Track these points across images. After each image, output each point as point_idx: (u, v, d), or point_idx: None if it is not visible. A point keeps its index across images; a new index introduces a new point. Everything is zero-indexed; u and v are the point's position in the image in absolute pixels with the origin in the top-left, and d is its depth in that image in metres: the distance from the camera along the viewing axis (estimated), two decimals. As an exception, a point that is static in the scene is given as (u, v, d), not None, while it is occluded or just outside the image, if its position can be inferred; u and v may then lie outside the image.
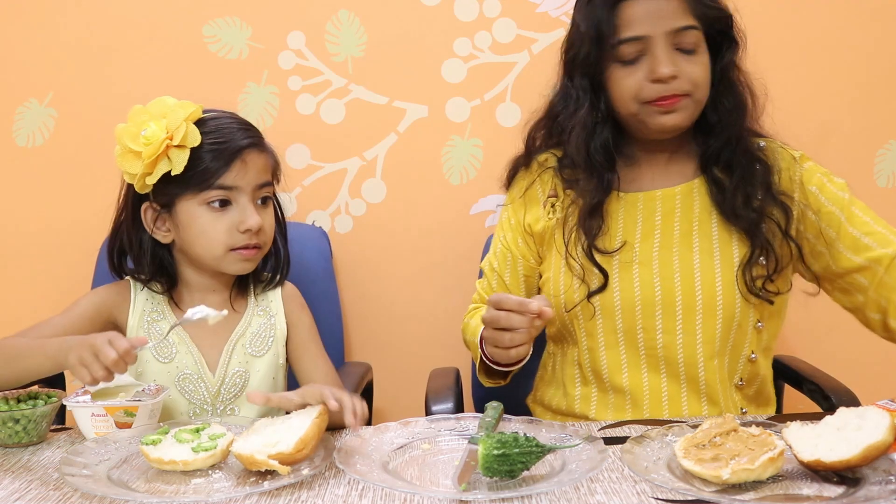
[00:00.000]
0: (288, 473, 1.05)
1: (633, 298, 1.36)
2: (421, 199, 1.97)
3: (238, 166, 1.32)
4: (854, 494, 0.96)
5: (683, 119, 1.34)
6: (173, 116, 1.29)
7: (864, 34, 1.93)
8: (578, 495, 0.99)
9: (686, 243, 1.37)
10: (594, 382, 1.42)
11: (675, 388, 1.37)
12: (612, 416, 1.40)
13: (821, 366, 1.55)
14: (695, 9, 1.33)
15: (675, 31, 1.31)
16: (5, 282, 1.97)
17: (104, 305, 1.40)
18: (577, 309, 1.40)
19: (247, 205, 1.33)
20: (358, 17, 1.93)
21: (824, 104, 1.95)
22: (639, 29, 1.32)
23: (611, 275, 1.37)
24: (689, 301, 1.34)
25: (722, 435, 1.06)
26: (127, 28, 1.92)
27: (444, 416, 1.24)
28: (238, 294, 1.45)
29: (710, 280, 1.34)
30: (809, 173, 1.40)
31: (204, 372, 1.38)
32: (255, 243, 1.35)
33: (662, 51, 1.31)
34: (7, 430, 1.23)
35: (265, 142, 1.39)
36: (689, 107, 1.34)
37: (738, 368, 1.39)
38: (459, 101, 1.94)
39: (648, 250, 1.38)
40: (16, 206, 1.96)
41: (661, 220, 1.39)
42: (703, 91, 1.34)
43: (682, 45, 1.32)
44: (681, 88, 1.32)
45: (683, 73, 1.31)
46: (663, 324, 1.36)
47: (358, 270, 1.98)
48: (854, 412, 1.05)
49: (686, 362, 1.36)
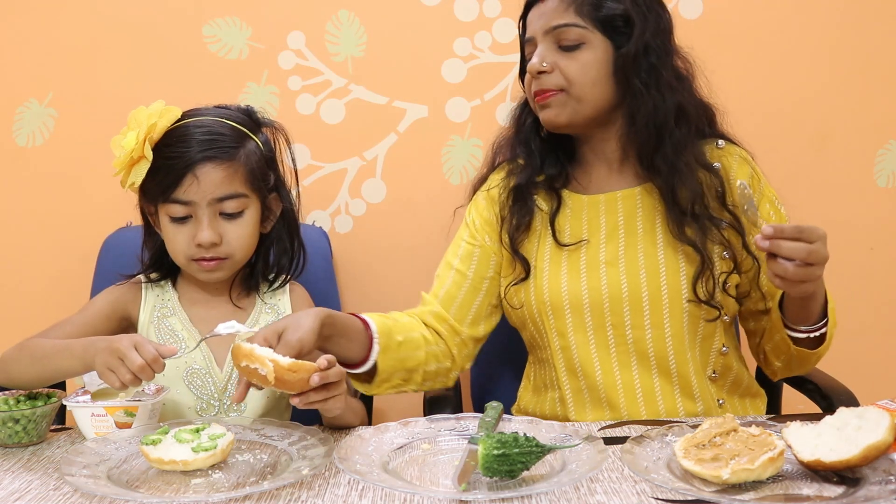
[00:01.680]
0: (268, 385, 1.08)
1: (601, 297, 1.37)
2: (421, 199, 1.97)
3: (189, 181, 1.32)
4: (854, 494, 0.96)
5: (559, 115, 1.38)
6: (141, 127, 1.32)
7: (864, 34, 1.93)
8: (578, 495, 0.99)
9: (650, 240, 1.38)
10: (569, 383, 1.42)
11: (648, 382, 1.38)
12: (590, 415, 1.40)
13: (820, 366, 1.55)
14: (580, 9, 1.35)
15: (553, 28, 1.36)
16: (5, 282, 1.97)
17: (118, 302, 1.44)
18: (547, 309, 1.41)
19: (202, 219, 1.34)
20: (358, 17, 1.93)
21: (824, 104, 1.95)
22: (530, 30, 1.41)
23: (579, 274, 1.39)
24: (655, 297, 1.36)
25: (722, 435, 1.06)
26: (127, 28, 1.92)
27: (444, 416, 1.24)
28: (245, 292, 1.47)
29: (675, 275, 1.36)
30: (767, 198, 1.42)
31: (212, 367, 1.40)
32: (210, 256, 1.35)
33: (540, 47, 1.38)
34: (7, 430, 1.23)
35: (237, 150, 1.36)
36: (566, 102, 1.37)
37: (709, 361, 1.40)
38: (459, 101, 1.94)
39: (614, 249, 1.39)
40: (16, 206, 1.96)
41: (623, 220, 1.41)
42: (580, 88, 1.36)
43: (563, 42, 1.36)
44: (551, 83, 1.36)
45: (558, 68, 1.35)
46: (632, 320, 1.37)
47: (358, 270, 1.98)
48: (854, 412, 1.05)
49: (657, 356, 1.37)
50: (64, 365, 1.26)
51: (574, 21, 1.35)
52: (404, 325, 1.38)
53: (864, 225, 1.97)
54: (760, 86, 1.93)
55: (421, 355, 1.37)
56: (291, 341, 1.16)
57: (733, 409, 1.43)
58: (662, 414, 1.37)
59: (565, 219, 1.44)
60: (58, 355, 1.27)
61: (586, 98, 1.36)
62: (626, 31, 1.35)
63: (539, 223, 1.45)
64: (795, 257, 1.15)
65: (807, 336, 1.30)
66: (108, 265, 1.75)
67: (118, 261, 1.58)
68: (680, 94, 1.38)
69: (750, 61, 1.94)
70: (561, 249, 1.42)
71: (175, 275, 1.47)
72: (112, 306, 1.43)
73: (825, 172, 1.96)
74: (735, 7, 1.92)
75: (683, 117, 1.38)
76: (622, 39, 1.35)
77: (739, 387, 1.44)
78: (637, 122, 1.37)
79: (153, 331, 1.42)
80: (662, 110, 1.35)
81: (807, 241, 1.15)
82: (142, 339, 1.18)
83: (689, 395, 1.38)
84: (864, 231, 1.98)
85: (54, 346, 1.29)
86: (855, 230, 1.97)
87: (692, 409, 1.38)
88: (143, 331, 1.43)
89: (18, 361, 1.31)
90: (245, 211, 1.37)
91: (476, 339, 1.48)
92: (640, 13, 1.35)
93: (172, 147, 1.33)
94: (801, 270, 1.15)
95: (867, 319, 1.99)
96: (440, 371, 1.42)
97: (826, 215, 1.97)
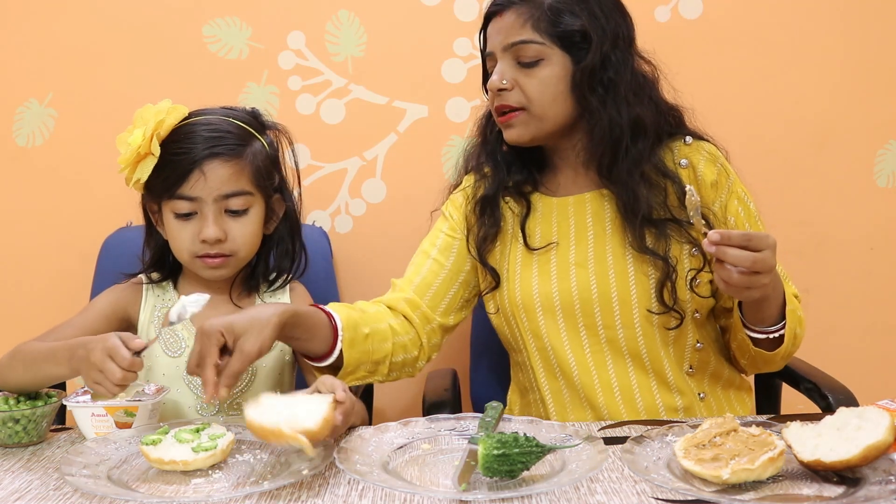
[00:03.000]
0: (314, 454, 1.04)
1: (572, 298, 1.38)
2: (421, 199, 1.96)
3: (196, 177, 1.33)
4: (854, 494, 0.96)
5: (521, 134, 1.39)
6: (147, 125, 1.32)
7: (864, 34, 1.93)
8: (578, 495, 0.99)
9: (618, 241, 1.39)
10: (547, 384, 1.43)
11: (624, 378, 1.39)
12: (571, 415, 1.41)
13: (820, 365, 1.55)
14: (538, 25, 1.35)
15: (511, 45, 1.36)
16: (5, 282, 1.97)
17: (119, 303, 1.44)
18: (520, 312, 1.41)
19: (208, 215, 1.34)
20: (358, 17, 1.93)
21: (824, 104, 1.95)
22: (490, 45, 1.41)
23: (550, 276, 1.40)
24: (624, 297, 1.36)
25: (722, 435, 1.06)
26: (127, 28, 1.92)
27: (444, 416, 1.24)
28: (245, 292, 1.47)
29: (643, 278, 1.36)
30: (735, 195, 1.41)
31: None
32: (215, 253, 1.36)
33: (500, 63, 1.38)
34: (7, 430, 1.23)
35: (243, 148, 1.36)
36: (527, 122, 1.38)
37: (685, 357, 1.41)
38: (459, 101, 1.94)
39: (584, 251, 1.40)
40: (16, 206, 1.96)
41: (592, 222, 1.41)
42: (539, 106, 1.36)
43: (522, 59, 1.36)
44: (511, 100, 1.37)
45: (518, 85, 1.36)
46: (603, 319, 1.38)
47: (358, 270, 1.98)
48: (854, 412, 1.05)
49: (631, 353, 1.38)
50: (53, 371, 1.25)
51: (532, 37, 1.35)
52: (371, 316, 1.36)
53: (864, 225, 1.97)
54: (760, 86, 1.93)
55: (388, 347, 1.36)
56: (250, 352, 1.13)
57: (717, 403, 1.43)
58: (641, 410, 1.38)
59: (535, 222, 1.45)
60: (46, 361, 1.25)
61: (547, 115, 1.37)
62: (584, 46, 1.35)
63: (509, 228, 1.46)
64: (740, 265, 1.15)
65: (766, 337, 1.31)
66: (108, 265, 1.75)
67: (118, 261, 1.58)
68: (638, 107, 1.37)
69: (750, 61, 1.94)
70: (531, 253, 1.43)
71: (176, 275, 1.47)
72: (112, 307, 1.43)
73: (825, 172, 1.96)
74: (735, 7, 1.92)
75: (640, 130, 1.37)
76: (581, 54, 1.35)
77: (720, 379, 1.44)
78: (594, 136, 1.37)
79: (153, 331, 1.42)
80: (619, 126, 1.35)
81: (754, 249, 1.15)
82: (114, 343, 1.14)
83: (667, 390, 1.39)
84: (864, 231, 1.98)
85: (41, 351, 1.27)
86: (855, 230, 1.97)
87: (671, 404, 1.38)
88: (144, 331, 1.43)
89: (12, 368, 1.30)
90: (250, 209, 1.38)
91: (445, 329, 1.47)
92: (597, 27, 1.34)
93: (180, 143, 1.34)
94: (745, 278, 1.16)
95: (867, 319, 1.99)
96: (407, 361, 1.41)
97: (826, 215, 1.97)
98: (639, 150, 1.36)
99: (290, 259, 1.48)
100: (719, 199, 1.39)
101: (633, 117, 1.36)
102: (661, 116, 1.40)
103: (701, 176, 1.39)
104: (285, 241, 1.47)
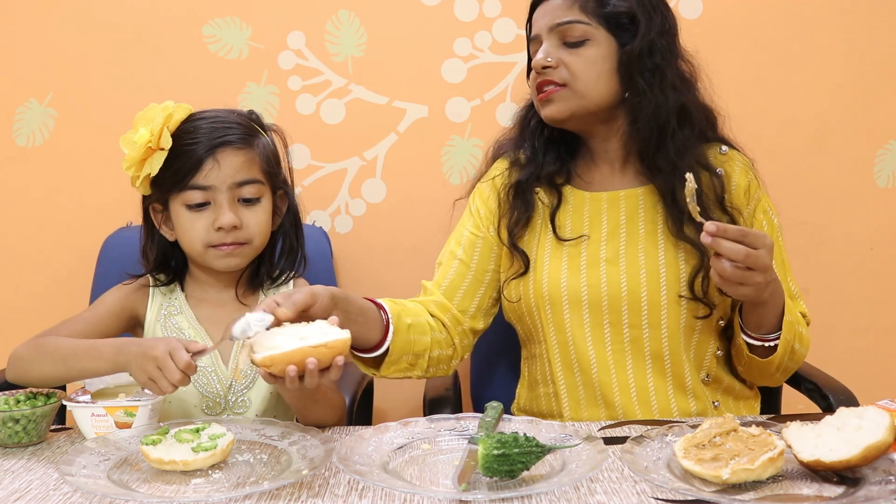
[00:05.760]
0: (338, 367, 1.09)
1: (600, 294, 1.38)
2: (421, 199, 1.97)
3: (210, 165, 1.34)
4: (854, 494, 0.96)
5: (561, 110, 1.38)
6: (155, 121, 1.33)
7: (864, 34, 1.93)
8: (578, 495, 0.99)
9: (651, 241, 1.39)
10: (564, 378, 1.42)
11: (642, 380, 1.38)
12: (585, 411, 1.41)
13: (820, 365, 1.55)
14: (585, 5, 1.36)
15: (557, 25, 1.37)
16: (5, 281, 1.97)
17: (127, 301, 1.45)
18: (545, 303, 1.41)
19: (222, 203, 1.35)
20: (358, 17, 1.93)
21: (824, 104, 1.95)
22: (535, 28, 1.42)
23: (579, 270, 1.39)
24: (653, 296, 1.36)
25: (722, 435, 1.06)
26: (127, 28, 1.92)
27: (444, 416, 1.24)
28: (249, 288, 1.47)
29: (674, 273, 1.36)
30: (762, 207, 1.42)
31: (218, 365, 1.41)
32: (231, 241, 1.36)
33: (545, 43, 1.38)
34: (7, 430, 1.23)
35: (252, 139, 1.39)
36: (568, 97, 1.37)
37: (704, 363, 1.41)
38: (459, 101, 1.94)
39: (615, 248, 1.40)
40: (16, 206, 1.96)
41: (626, 220, 1.41)
42: (583, 83, 1.36)
43: (568, 39, 1.37)
44: (555, 76, 1.37)
45: (563, 63, 1.36)
46: (629, 318, 1.37)
47: (358, 270, 1.98)
48: (854, 412, 1.05)
49: (653, 355, 1.38)
50: (91, 366, 1.26)
51: (579, 18, 1.35)
52: (411, 310, 1.39)
53: (864, 225, 1.97)
54: (760, 86, 1.94)
55: (427, 340, 1.38)
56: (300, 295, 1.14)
57: (728, 410, 1.43)
58: (656, 412, 1.38)
59: (566, 214, 1.44)
60: (85, 356, 1.27)
61: (589, 94, 1.36)
62: (630, 29, 1.36)
63: (539, 218, 1.46)
64: (734, 258, 1.16)
65: (761, 344, 1.31)
66: (108, 265, 1.75)
67: (118, 261, 1.58)
68: (683, 94, 1.38)
69: (750, 61, 1.94)
70: (561, 244, 1.42)
71: (181, 276, 1.48)
72: (121, 304, 1.44)
73: (825, 173, 1.96)
74: (735, 7, 1.92)
75: (686, 118, 1.38)
76: (627, 37, 1.36)
77: (732, 392, 1.45)
78: (639, 120, 1.37)
79: (160, 329, 1.43)
80: (665, 110, 1.36)
81: (749, 245, 1.16)
82: (175, 344, 1.17)
83: (683, 395, 1.39)
84: (864, 231, 1.98)
85: (78, 346, 1.29)
86: (855, 230, 1.97)
87: (686, 409, 1.38)
88: (150, 329, 1.43)
89: (38, 361, 1.31)
90: (262, 198, 1.39)
91: (475, 332, 1.48)
92: (644, 12, 1.36)
93: (189, 135, 1.35)
94: (738, 272, 1.17)
95: (867, 319, 1.99)
96: (442, 358, 1.42)
97: (826, 215, 1.97)
98: (685, 137, 1.37)
99: (293, 255, 1.48)
100: (748, 207, 1.40)
101: (679, 103, 1.37)
102: (702, 113, 1.41)
103: (735, 185, 1.40)
104: (289, 236, 1.48)
